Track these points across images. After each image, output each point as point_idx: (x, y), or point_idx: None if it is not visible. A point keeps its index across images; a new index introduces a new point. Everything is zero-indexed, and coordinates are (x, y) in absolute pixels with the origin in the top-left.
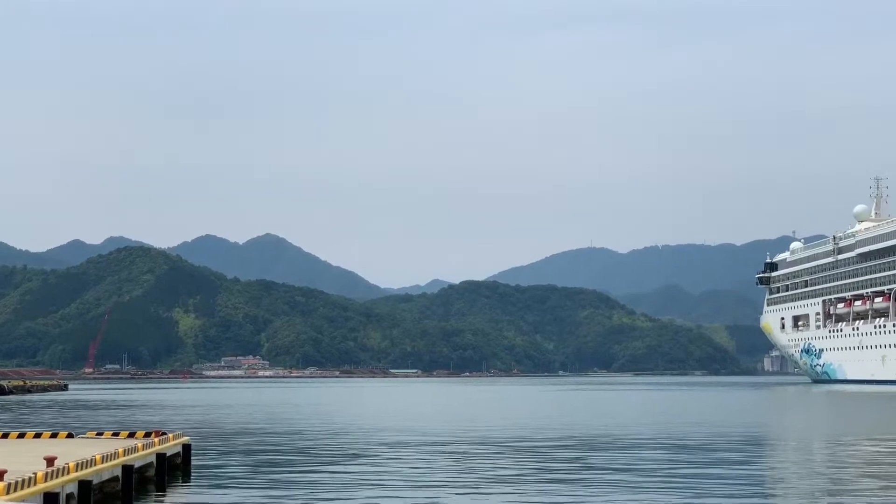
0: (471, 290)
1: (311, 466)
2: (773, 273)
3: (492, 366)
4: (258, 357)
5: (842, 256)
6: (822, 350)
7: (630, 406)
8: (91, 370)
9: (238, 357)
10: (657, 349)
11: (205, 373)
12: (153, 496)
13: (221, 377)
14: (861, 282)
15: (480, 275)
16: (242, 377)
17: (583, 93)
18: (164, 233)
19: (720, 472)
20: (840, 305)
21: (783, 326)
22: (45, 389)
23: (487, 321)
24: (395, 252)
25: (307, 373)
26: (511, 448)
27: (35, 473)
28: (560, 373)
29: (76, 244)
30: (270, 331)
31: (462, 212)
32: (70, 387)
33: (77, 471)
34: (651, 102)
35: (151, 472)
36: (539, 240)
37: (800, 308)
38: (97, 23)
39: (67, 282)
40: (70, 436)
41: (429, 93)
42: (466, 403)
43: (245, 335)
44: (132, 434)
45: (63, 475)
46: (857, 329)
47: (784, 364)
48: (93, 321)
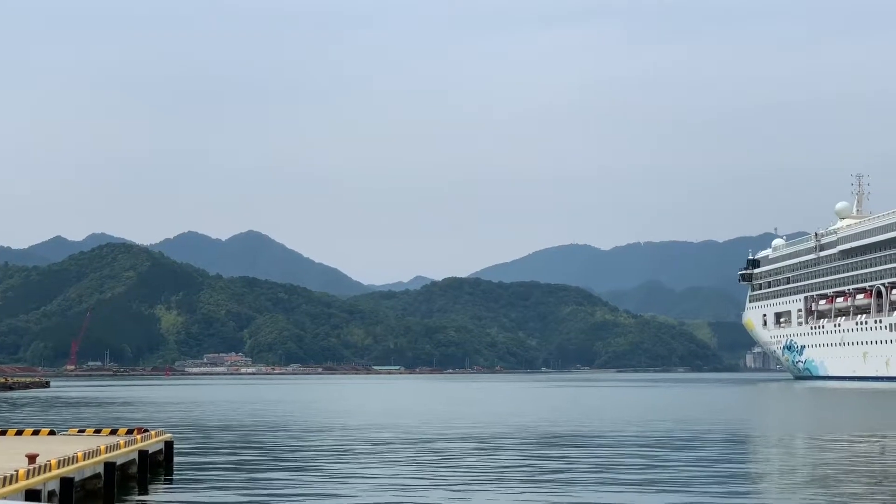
0: (454, 287)
1: (293, 464)
2: (756, 270)
3: (475, 363)
4: (241, 354)
5: (824, 253)
6: (804, 346)
7: (613, 403)
8: (73, 367)
9: (220, 354)
10: (640, 346)
11: (187, 370)
12: (135, 493)
13: (204, 374)
14: (843, 278)
15: (463, 271)
16: (225, 374)
17: (565, 89)
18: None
19: (702, 470)
20: (822, 302)
21: (765, 323)
22: (27, 386)
23: (470, 318)
24: (378, 249)
25: (290, 370)
26: (494, 446)
27: (17, 471)
28: (543, 370)
29: (58, 241)
30: (253, 328)
31: (445, 209)
32: (52, 384)
33: (59, 468)
34: (634, 99)
35: (133, 470)
36: (522, 236)
37: (782, 305)
38: (76, 19)
39: (49, 279)
40: (52, 433)
41: (411, 90)
42: (449, 401)
43: (228, 332)
44: (114, 431)
45: (45, 472)
46: (839, 326)
47: (766, 361)
48: (75, 318)
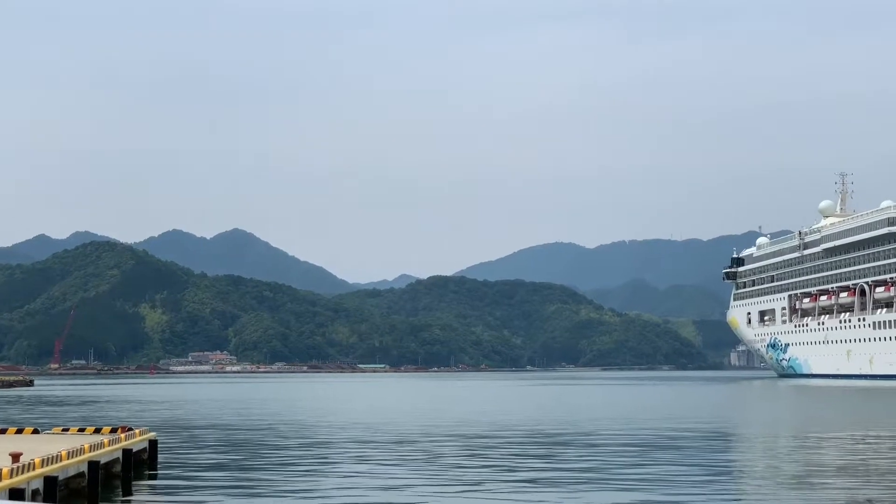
0: (439, 286)
1: (278, 462)
2: (740, 268)
3: (460, 361)
4: (226, 353)
5: (807, 252)
6: (788, 345)
7: (598, 401)
8: (57, 366)
9: (205, 353)
10: (624, 344)
11: (172, 368)
12: (119, 492)
13: (189, 373)
14: (826, 277)
15: (448, 270)
16: (210, 373)
17: (550, 89)
18: (131, 228)
19: (687, 469)
20: (806, 300)
21: (749, 321)
22: (11, 385)
23: (455, 316)
24: (363, 247)
25: (275, 368)
26: (479, 444)
27: (0, 469)
28: (528, 368)
29: (42, 239)
30: (238, 326)
31: (430, 207)
32: (36, 382)
33: (43, 467)
34: (618, 99)
35: (118, 469)
36: (507, 235)
37: (766, 303)
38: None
39: (33, 277)
40: (36, 432)
41: (397, 89)
42: (434, 399)
43: (213, 330)
44: (98, 430)
45: (29, 471)
46: (823, 324)
47: (750, 358)
48: (59, 316)
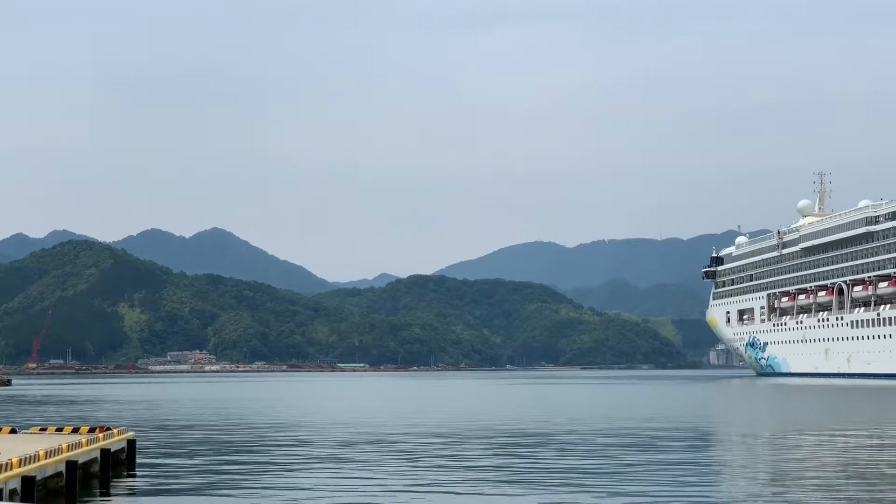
0: (418, 285)
1: (256, 462)
2: (719, 267)
3: (440, 360)
4: (205, 352)
5: (786, 251)
6: (767, 343)
7: (577, 401)
8: (35, 365)
9: (184, 352)
10: (604, 343)
11: (150, 368)
12: (98, 492)
13: (167, 372)
14: (805, 276)
15: (428, 269)
16: (189, 372)
17: (529, 89)
18: (109, 227)
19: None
20: (784, 299)
21: (728, 320)
22: None
23: (435, 315)
24: (343, 246)
25: (254, 367)
26: (459, 444)
27: None
28: (508, 367)
29: (19, 238)
30: (217, 325)
31: (410, 206)
32: (13, 382)
33: (20, 466)
34: (597, 99)
35: (96, 468)
36: (487, 234)
37: (745, 302)
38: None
39: (10, 276)
40: (13, 431)
41: (377, 87)
42: (414, 398)
43: (192, 330)
44: (76, 429)
45: (6, 471)
46: (801, 323)
47: (730, 357)
48: (36, 315)
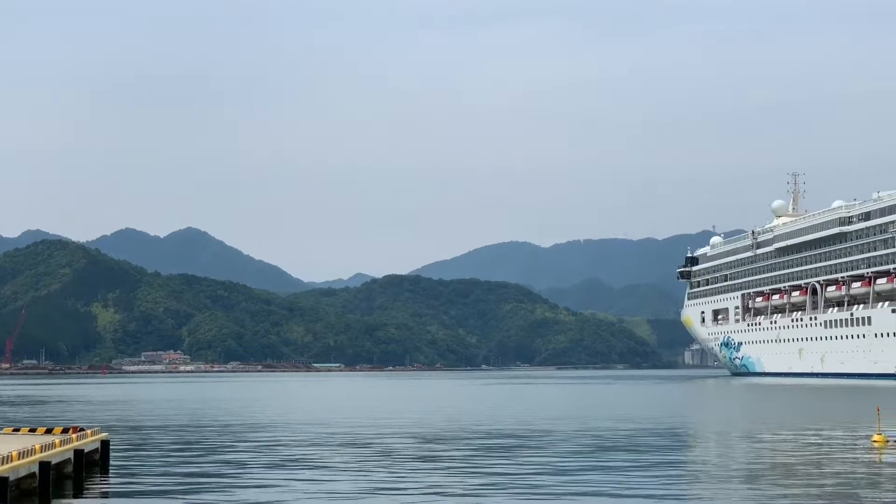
0: (394, 285)
1: (230, 463)
2: (694, 267)
3: (415, 360)
4: (179, 352)
5: (760, 251)
6: (741, 343)
7: (553, 401)
8: (8, 365)
9: (159, 352)
10: (579, 343)
11: (125, 368)
12: (71, 493)
13: (142, 372)
14: (779, 276)
15: (403, 269)
16: (163, 372)
17: (504, 88)
18: (83, 226)
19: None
20: (759, 299)
21: (703, 320)
22: None
23: (410, 315)
24: (318, 246)
25: (229, 367)
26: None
27: None
28: (483, 367)
29: None
30: (192, 325)
31: (385, 206)
32: None
33: None
34: (573, 98)
35: (69, 469)
36: (462, 234)
37: (719, 302)
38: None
39: None
40: None
41: (352, 87)
42: (389, 399)
43: (166, 330)
44: (49, 430)
45: None
46: (775, 323)
47: (704, 357)
48: (9, 315)
